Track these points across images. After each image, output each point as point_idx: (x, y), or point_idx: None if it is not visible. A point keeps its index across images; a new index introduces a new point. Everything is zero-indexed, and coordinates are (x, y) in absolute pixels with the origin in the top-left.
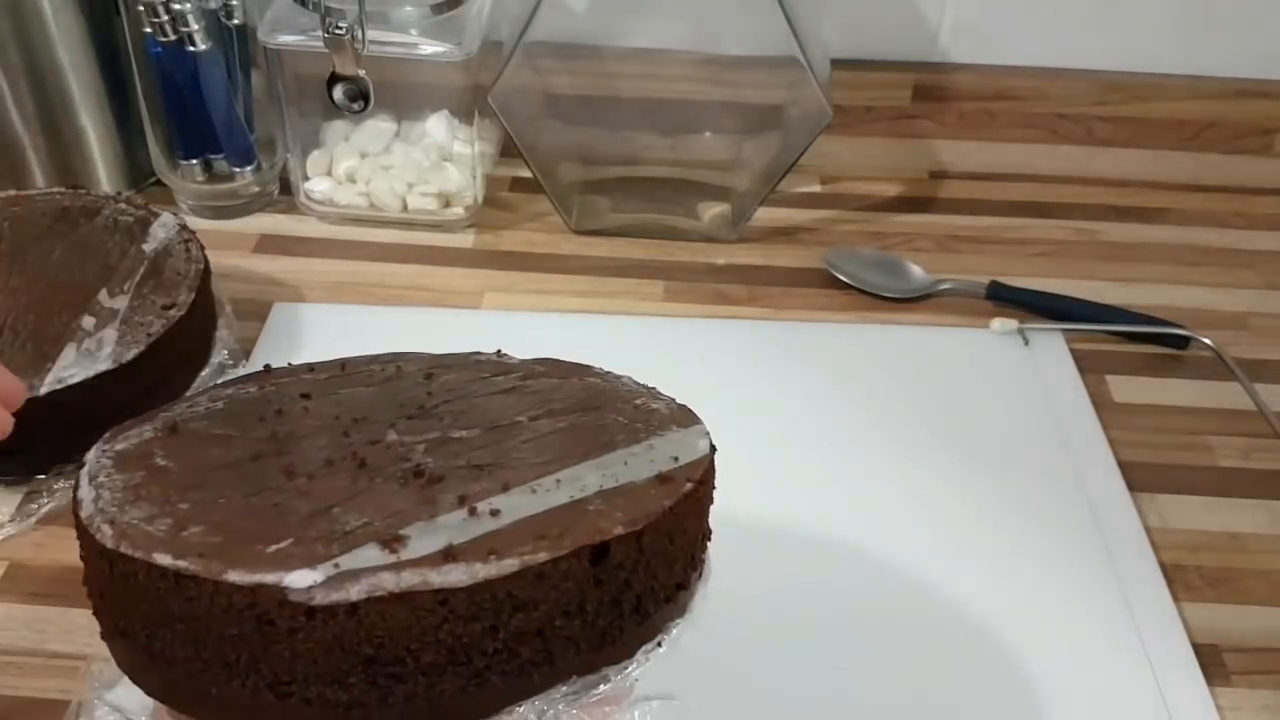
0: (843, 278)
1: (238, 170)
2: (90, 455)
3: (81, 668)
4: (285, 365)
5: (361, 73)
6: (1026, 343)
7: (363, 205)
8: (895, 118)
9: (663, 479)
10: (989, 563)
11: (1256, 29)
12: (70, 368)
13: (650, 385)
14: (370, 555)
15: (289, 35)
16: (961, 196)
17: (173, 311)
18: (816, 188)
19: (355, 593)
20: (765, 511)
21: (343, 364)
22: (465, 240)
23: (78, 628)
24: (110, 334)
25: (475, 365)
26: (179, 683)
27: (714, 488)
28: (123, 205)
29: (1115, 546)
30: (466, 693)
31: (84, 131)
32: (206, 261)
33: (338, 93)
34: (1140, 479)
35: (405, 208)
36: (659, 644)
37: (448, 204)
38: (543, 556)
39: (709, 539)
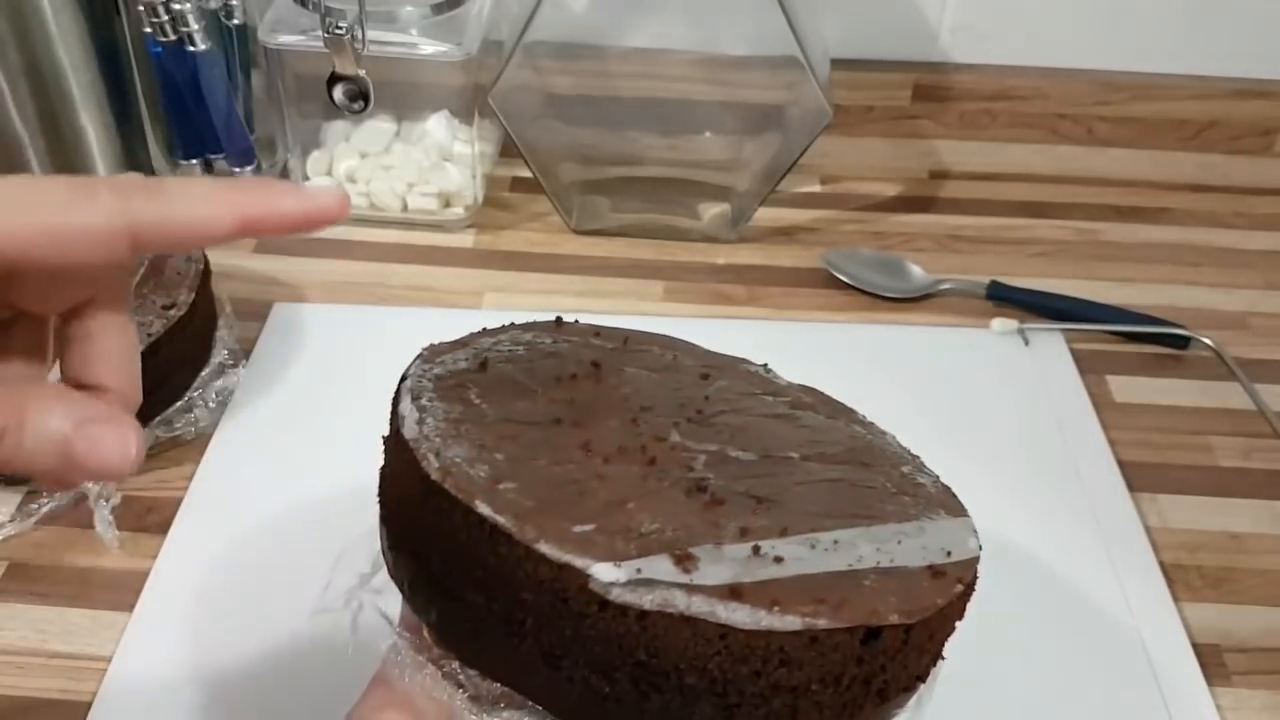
0: (843, 278)
1: (238, 170)
2: (412, 370)
3: (338, 556)
4: (574, 321)
5: (362, 73)
6: (1027, 343)
7: (363, 205)
8: (895, 118)
9: (935, 572)
10: (988, 562)
11: (1257, 28)
12: None
13: (915, 453)
14: (664, 568)
15: (289, 35)
16: (962, 196)
17: (173, 311)
18: (817, 188)
19: (649, 602)
20: None
21: (625, 337)
22: (465, 240)
23: (78, 628)
24: None
25: (746, 375)
26: (456, 619)
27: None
28: None
29: (1115, 546)
30: None
31: (84, 131)
32: (206, 261)
33: (338, 93)
34: (1140, 479)
35: (405, 208)
36: None
37: (448, 204)
38: (822, 623)
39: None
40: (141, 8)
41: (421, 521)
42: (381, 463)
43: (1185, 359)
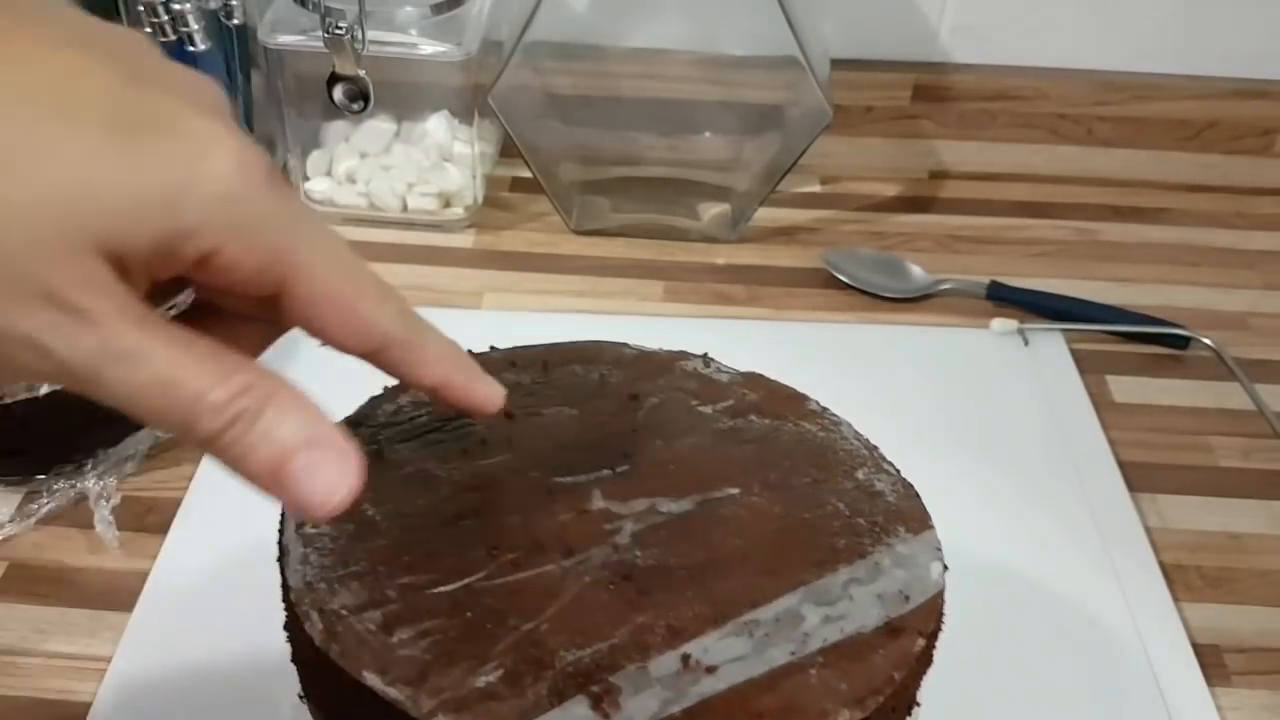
0: (843, 278)
1: None
2: None
3: None
4: (489, 350)
5: (361, 73)
6: (1026, 343)
7: (363, 205)
8: (895, 118)
9: (891, 630)
10: (988, 562)
11: (1256, 28)
12: None
13: (869, 440)
14: (582, 712)
15: (289, 35)
16: (961, 196)
17: (171, 312)
18: (816, 188)
19: None
20: None
21: (544, 361)
22: (465, 240)
23: (77, 628)
24: None
25: (682, 380)
26: None
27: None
28: None
29: (1115, 546)
30: None
31: None
32: None
33: (338, 93)
34: (1140, 479)
35: (405, 208)
36: None
37: (448, 204)
38: None
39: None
40: (141, 8)
41: (320, 678)
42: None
43: (1185, 359)
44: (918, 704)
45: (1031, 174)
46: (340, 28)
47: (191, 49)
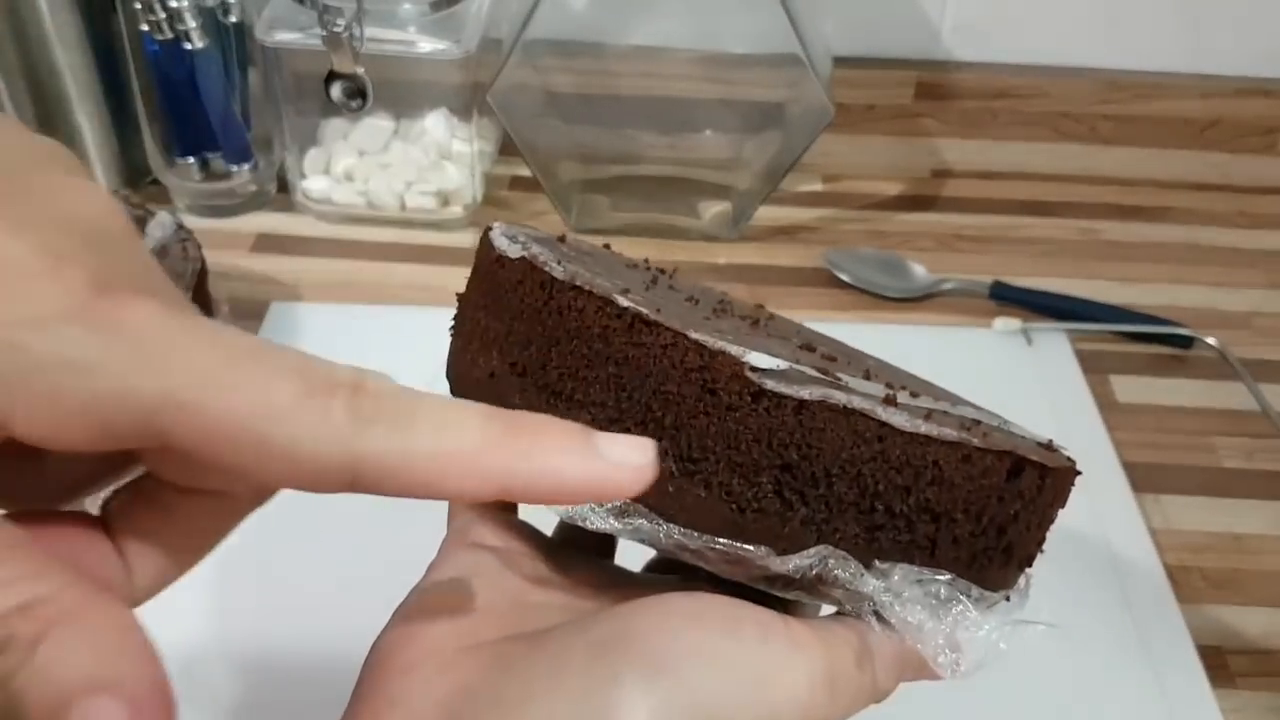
0: (844, 277)
1: (235, 168)
2: (496, 225)
3: None
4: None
5: (359, 70)
6: (1030, 342)
7: (361, 204)
8: (897, 116)
9: (1047, 447)
10: None
11: (1260, 27)
12: None
13: None
14: (813, 372)
15: (286, 33)
16: (964, 195)
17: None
18: (818, 186)
19: (808, 394)
20: None
21: (671, 268)
22: (464, 239)
23: None
24: None
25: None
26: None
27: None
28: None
29: (1118, 547)
30: (855, 543)
31: (80, 130)
32: (203, 261)
33: (335, 90)
34: (1144, 479)
35: (403, 206)
36: (1006, 596)
37: (446, 203)
38: (975, 443)
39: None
40: (138, 5)
41: (535, 332)
42: (455, 318)
43: (1189, 359)
44: (1042, 550)
45: (1034, 173)
46: (338, 25)
47: (188, 47)
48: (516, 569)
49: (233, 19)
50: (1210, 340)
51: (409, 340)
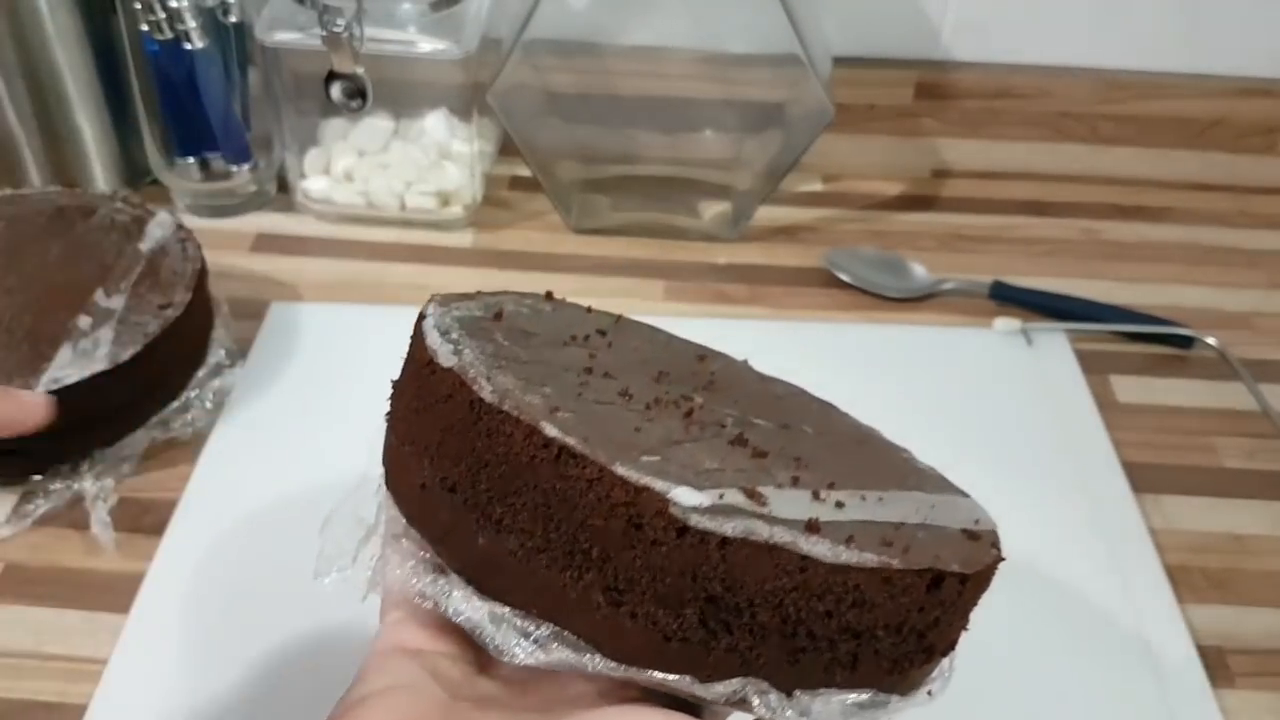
0: (844, 277)
1: (235, 168)
2: (430, 311)
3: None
4: (563, 300)
5: (359, 70)
6: (1030, 342)
7: (360, 204)
8: (897, 116)
9: (970, 535)
10: None
11: (1261, 27)
12: (66, 368)
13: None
14: (739, 499)
15: (286, 33)
16: (964, 195)
17: (169, 311)
18: (818, 186)
19: (731, 529)
20: None
21: (616, 317)
22: (464, 239)
23: (74, 629)
24: (107, 334)
25: (735, 363)
26: (499, 557)
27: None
28: (119, 204)
29: (1119, 547)
30: (779, 667)
31: (80, 130)
32: (203, 261)
33: (335, 90)
34: (1144, 480)
35: (403, 206)
36: (929, 692)
37: (446, 203)
38: (895, 564)
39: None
40: (138, 5)
41: (465, 450)
42: (391, 408)
43: (1189, 359)
44: (966, 628)
45: (1035, 173)
46: (338, 25)
47: (188, 47)
48: (446, 677)
49: (233, 19)
50: (1210, 340)
51: (408, 340)
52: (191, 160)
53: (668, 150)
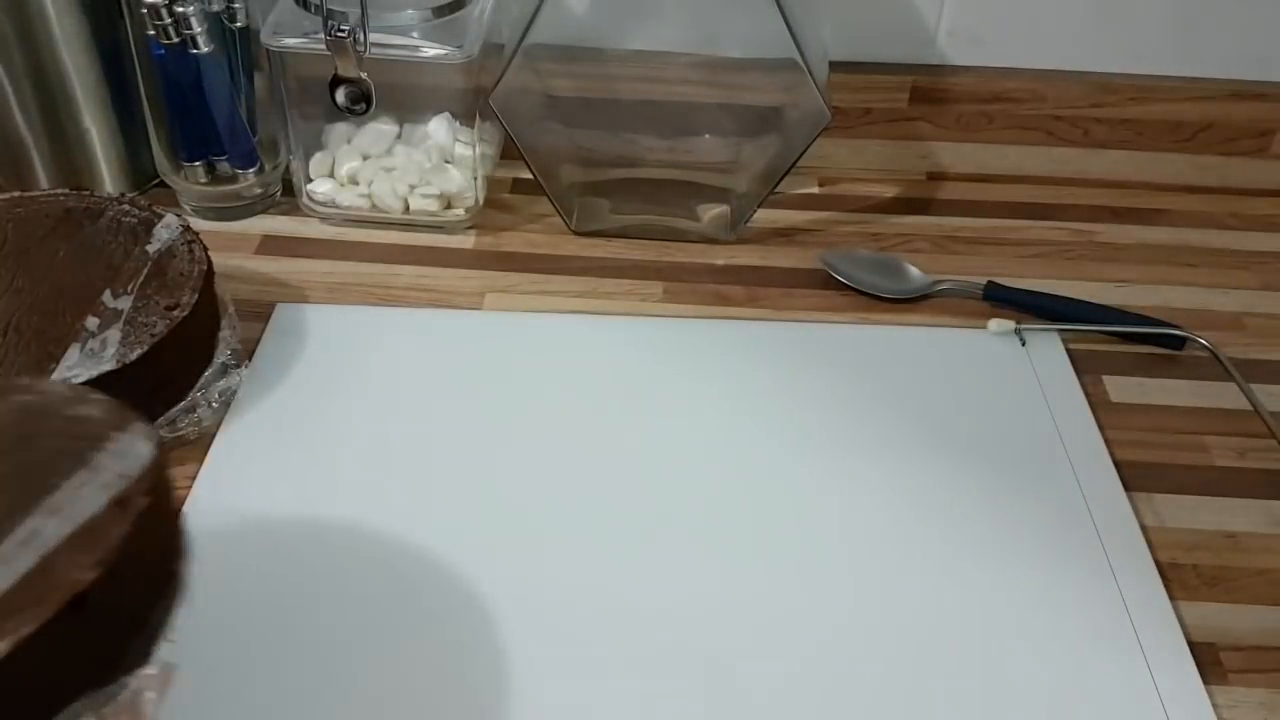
0: (841, 278)
1: (240, 172)
2: None
3: None
4: None
5: (363, 75)
6: (1023, 343)
7: (365, 207)
8: (893, 120)
9: (119, 502)
10: (984, 562)
11: (1253, 30)
12: (74, 368)
13: (80, 384)
14: None
15: (291, 38)
16: (959, 198)
17: (176, 312)
18: (815, 189)
19: None
20: (760, 511)
21: None
22: (466, 241)
23: None
24: (114, 334)
25: None
26: None
27: (172, 489)
28: (126, 206)
29: (1111, 546)
30: None
31: (88, 133)
32: (210, 262)
33: (340, 95)
34: (1136, 478)
35: (407, 209)
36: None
37: (449, 205)
38: (26, 630)
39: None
40: (145, 10)
41: None
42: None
43: (1181, 359)
44: (171, 640)
45: (1028, 175)
46: (342, 30)
47: (195, 51)
48: None
49: (238, 24)
50: (1202, 340)
51: (412, 340)
52: (198, 164)
53: (667, 154)
